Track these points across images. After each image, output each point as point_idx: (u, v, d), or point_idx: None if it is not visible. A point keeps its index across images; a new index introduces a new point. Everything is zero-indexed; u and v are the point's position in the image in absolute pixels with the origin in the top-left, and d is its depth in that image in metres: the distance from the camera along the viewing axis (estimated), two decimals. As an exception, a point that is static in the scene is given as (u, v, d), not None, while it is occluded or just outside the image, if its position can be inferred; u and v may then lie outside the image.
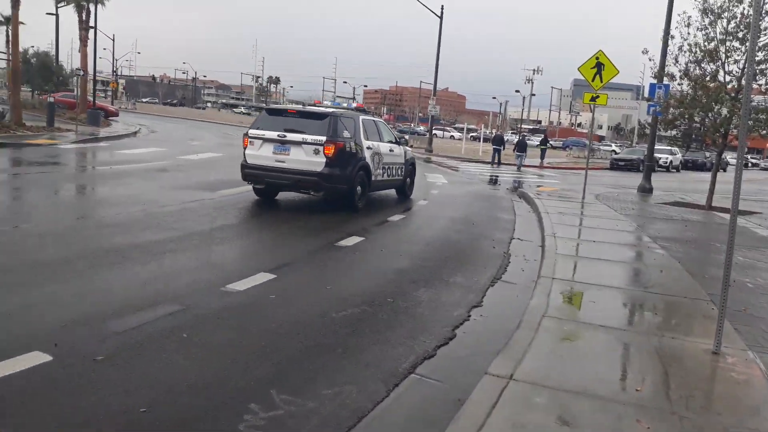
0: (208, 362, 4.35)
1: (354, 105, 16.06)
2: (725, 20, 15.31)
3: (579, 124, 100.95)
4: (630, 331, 5.78)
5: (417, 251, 8.97)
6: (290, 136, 11.32)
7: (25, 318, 4.85)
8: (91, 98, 39.12)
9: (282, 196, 12.84)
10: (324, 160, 11.12)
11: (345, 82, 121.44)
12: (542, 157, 36.89)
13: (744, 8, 14.88)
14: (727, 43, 15.37)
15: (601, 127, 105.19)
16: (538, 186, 21.38)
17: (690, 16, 15.86)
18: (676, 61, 16.53)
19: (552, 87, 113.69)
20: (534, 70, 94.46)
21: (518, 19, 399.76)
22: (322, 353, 4.72)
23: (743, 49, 14.96)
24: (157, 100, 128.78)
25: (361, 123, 12.47)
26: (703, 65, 15.91)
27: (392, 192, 14.82)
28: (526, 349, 4.83)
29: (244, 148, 11.84)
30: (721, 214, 15.28)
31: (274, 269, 6.91)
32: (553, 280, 7.20)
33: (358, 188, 11.92)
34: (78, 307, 5.18)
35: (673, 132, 18.77)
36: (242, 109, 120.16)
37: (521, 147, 31.82)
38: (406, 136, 24.32)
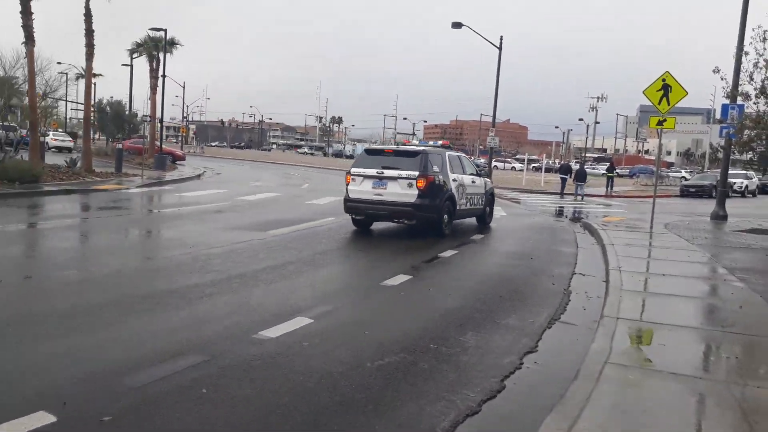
0: (222, 423, 3.95)
1: (440, 143, 17.19)
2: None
3: (646, 151, 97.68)
4: (706, 379, 5.07)
5: (467, 290, 8.44)
6: (387, 173, 12.72)
7: (41, 373, 4.59)
8: (158, 143, 40.56)
9: (340, 234, 12.61)
10: (416, 192, 12.45)
11: (405, 119, 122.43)
12: (608, 185, 35.64)
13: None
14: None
15: (669, 153, 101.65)
16: (604, 216, 20.43)
17: (766, 30, 14.95)
18: (751, 79, 15.58)
19: (617, 114, 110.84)
20: (598, 98, 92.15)
21: (581, 47, 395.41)
22: (351, 411, 4.25)
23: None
24: (225, 144, 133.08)
25: (447, 158, 13.82)
26: (782, 82, 14.91)
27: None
28: (583, 405, 4.24)
29: (347, 185, 13.25)
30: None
31: (311, 313, 6.54)
32: (618, 320, 6.54)
33: (445, 216, 13.13)
34: (99, 359, 4.91)
35: (749, 155, 17.67)
36: (305, 149, 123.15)
37: (580, 176, 31.11)
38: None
